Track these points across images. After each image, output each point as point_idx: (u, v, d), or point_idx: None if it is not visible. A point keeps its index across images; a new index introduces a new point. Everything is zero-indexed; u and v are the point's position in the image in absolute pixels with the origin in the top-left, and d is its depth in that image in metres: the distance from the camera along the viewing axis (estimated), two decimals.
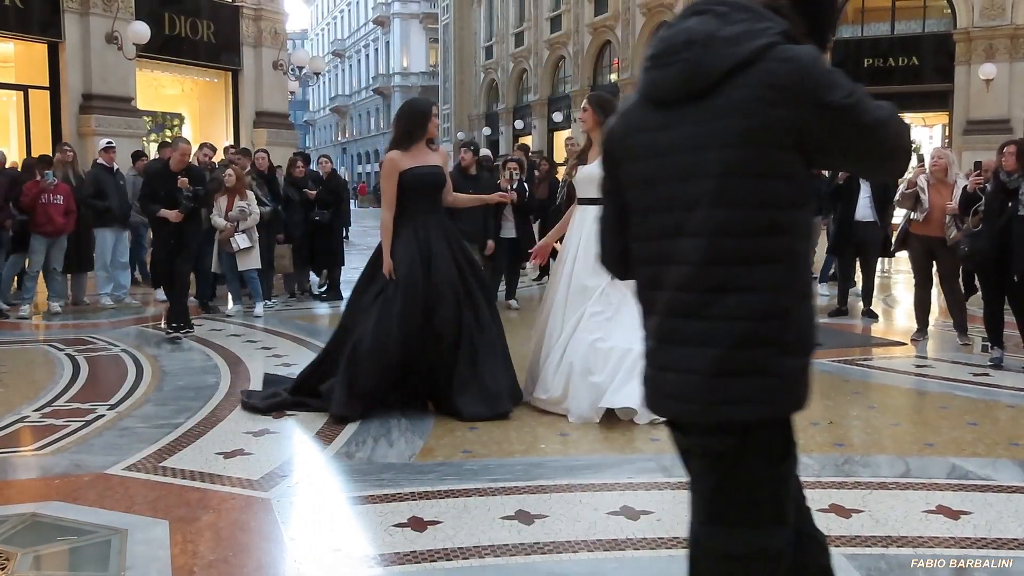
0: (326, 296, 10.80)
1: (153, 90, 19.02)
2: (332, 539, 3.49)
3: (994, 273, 6.59)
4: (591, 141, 5.62)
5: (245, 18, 19.07)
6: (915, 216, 7.38)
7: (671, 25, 1.88)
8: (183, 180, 8.15)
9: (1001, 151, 6.58)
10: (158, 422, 5.23)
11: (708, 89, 1.78)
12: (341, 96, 70.84)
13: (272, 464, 4.42)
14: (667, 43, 1.85)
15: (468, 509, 3.77)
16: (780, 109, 1.72)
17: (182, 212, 8.13)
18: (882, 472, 4.31)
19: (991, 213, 6.53)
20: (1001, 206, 6.43)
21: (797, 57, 1.74)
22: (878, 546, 3.38)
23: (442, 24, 49.70)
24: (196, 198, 8.24)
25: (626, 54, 30.90)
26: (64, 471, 4.33)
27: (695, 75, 1.79)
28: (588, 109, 5.54)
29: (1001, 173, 6.51)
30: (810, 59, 1.74)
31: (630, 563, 3.27)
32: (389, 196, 5.42)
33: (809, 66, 1.73)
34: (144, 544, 3.40)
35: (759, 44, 1.75)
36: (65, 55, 15.41)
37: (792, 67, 1.73)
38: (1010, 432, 5.14)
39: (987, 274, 6.73)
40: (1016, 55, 21.33)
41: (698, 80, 1.79)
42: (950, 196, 7.15)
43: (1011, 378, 6.36)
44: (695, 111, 1.80)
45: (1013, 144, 6.56)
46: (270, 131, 19.15)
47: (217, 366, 6.86)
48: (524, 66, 39.53)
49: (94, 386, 6.24)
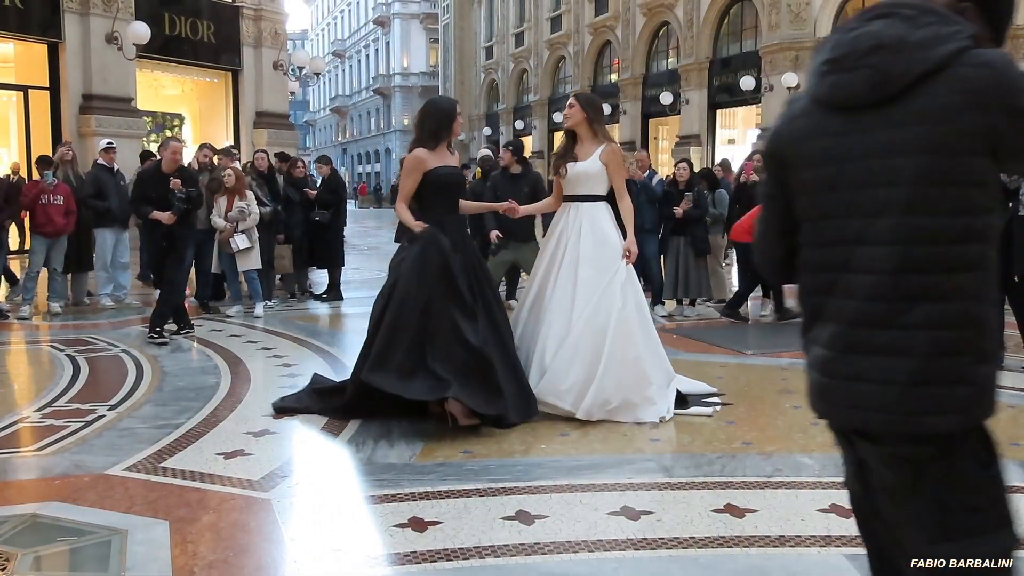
0: (327, 297, 10.81)
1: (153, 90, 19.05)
2: (332, 539, 3.48)
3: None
4: (576, 138, 5.57)
5: (245, 18, 19.10)
6: None
7: (850, 28, 1.82)
8: (175, 182, 7.95)
9: None
10: (158, 422, 5.23)
11: (896, 95, 1.73)
12: (341, 96, 70.90)
13: (272, 464, 4.42)
14: (850, 47, 1.79)
15: (468, 509, 3.77)
16: (974, 115, 1.67)
17: (175, 214, 7.92)
18: None
19: None
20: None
21: (991, 62, 1.69)
22: None
23: (442, 24, 49.76)
24: (189, 200, 8.04)
25: (626, 54, 30.92)
26: (64, 472, 4.33)
27: (885, 80, 1.74)
28: (576, 105, 5.50)
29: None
30: (1004, 64, 1.69)
31: (630, 563, 3.27)
32: (408, 191, 5.30)
33: (1003, 71, 1.68)
34: (144, 544, 3.40)
35: (951, 49, 1.70)
36: (65, 55, 15.45)
37: (986, 72, 1.68)
38: (1010, 432, 5.13)
39: None
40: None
41: (888, 85, 1.73)
42: None
43: (1011, 378, 6.35)
44: (881, 116, 1.75)
45: None
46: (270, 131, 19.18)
47: (217, 367, 6.86)
48: (524, 66, 39.58)
49: (94, 387, 6.24)
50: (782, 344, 7.76)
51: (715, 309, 9.80)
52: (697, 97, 26.98)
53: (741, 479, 4.20)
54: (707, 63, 26.83)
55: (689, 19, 27.11)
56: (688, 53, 27.20)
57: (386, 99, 60.68)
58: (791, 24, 22.96)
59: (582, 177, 5.51)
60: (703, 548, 3.37)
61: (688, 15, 27.14)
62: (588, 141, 5.55)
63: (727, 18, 26.81)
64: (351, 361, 6.96)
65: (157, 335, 7.82)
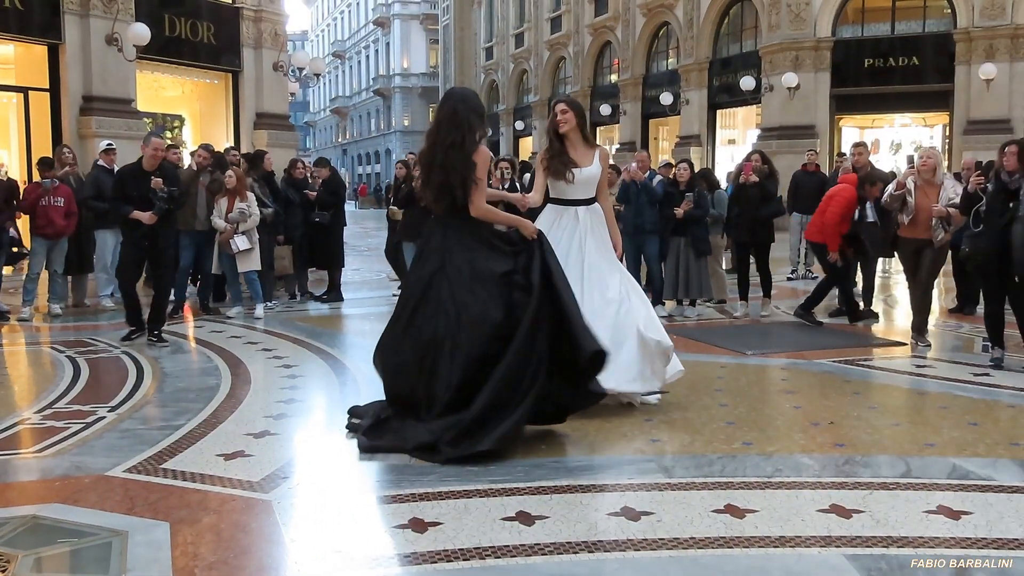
0: (327, 298, 10.81)
1: (153, 92, 19.03)
2: (333, 540, 3.48)
3: (995, 273, 6.58)
4: (568, 142, 5.58)
5: (245, 19, 19.08)
6: (902, 218, 7.36)
7: None
8: (156, 180, 7.62)
9: (1003, 151, 6.55)
10: (159, 424, 5.23)
11: None
12: (341, 97, 70.91)
13: (273, 466, 4.42)
14: None
15: (469, 510, 3.78)
16: None
17: (156, 214, 7.62)
18: (883, 472, 4.31)
19: (992, 213, 6.51)
20: (1003, 206, 6.41)
21: None
22: (879, 546, 3.38)
23: (442, 25, 49.77)
24: (171, 199, 7.73)
25: (626, 55, 30.92)
26: (65, 473, 4.33)
27: None
28: (569, 111, 5.57)
29: (1002, 173, 6.49)
30: None
31: (631, 564, 3.27)
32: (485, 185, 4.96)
33: None
34: (145, 546, 3.40)
35: None
36: (65, 57, 15.42)
37: None
38: (1011, 432, 5.14)
39: (988, 274, 6.72)
40: (1016, 55, 21.32)
41: None
42: (936, 197, 7.13)
43: (1012, 378, 6.36)
44: None
45: (1015, 144, 6.52)
46: (271, 132, 19.16)
47: (218, 368, 6.86)
48: (524, 67, 39.58)
49: (95, 388, 6.24)
50: (782, 344, 7.77)
51: (715, 309, 9.81)
52: (697, 97, 27.00)
53: (741, 479, 4.21)
54: (707, 63, 26.84)
55: (689, 19, 27.12)
56: (688, 53, 27.21)
57: (386, 100, 60.68)
58: (791, 24, 22.97)
59: (590, 181, 5.61)
60: (703, 548, 3.37)
61: (688, 15, 27.15)
62: (580, 145, 5.61)
63: (727, 18, 26.82)
64: (352, 362, 6.99)
65: (157, 337, 7.82)
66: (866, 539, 3.44)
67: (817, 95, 22.93)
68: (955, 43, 21.88)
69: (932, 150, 7.77)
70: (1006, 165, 6.45)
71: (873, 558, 3.28)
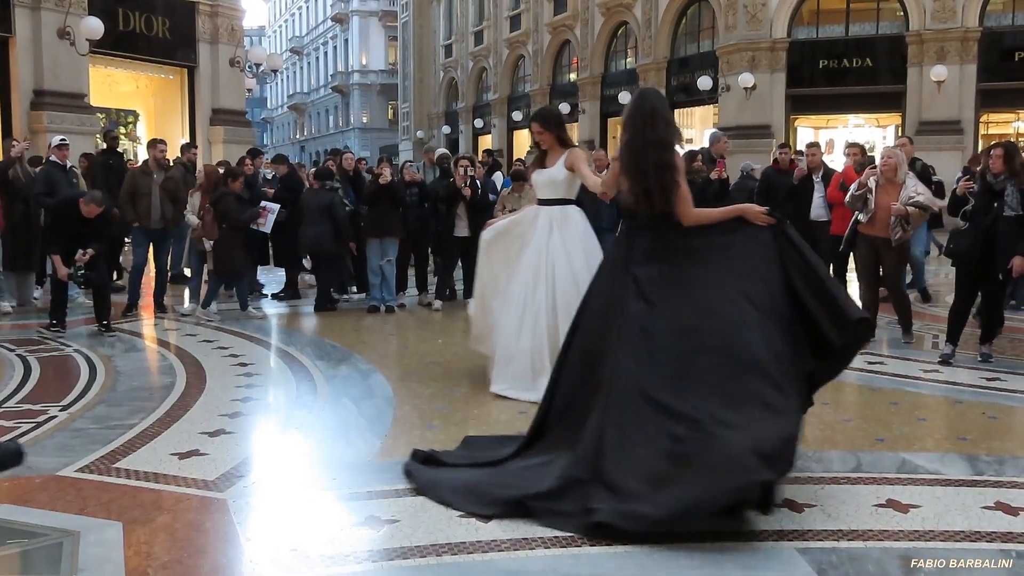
0: (284, 296, 10.71)
1: (107, 87, 18.78)
2: (289, 539, 3.47)
3: (975, 270, 6.77)
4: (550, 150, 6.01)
5: (201, 14, 18.90)
6: (861, 217, 7.50)
7: None
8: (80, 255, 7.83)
9: (988, 153, 6.95)
10: (111, 423, 5.16)
11: None
12: (299, 94, 70.28)
13: (228, 464, 4.38)
14: None
15: (425, 508, 3.77)
16: None
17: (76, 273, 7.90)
18: (834, 467, 4.38)
19: (978, 213, 6.82)
20: (987, 206, 6.70)
21: None
22: (829, 540, 3.44)
23: (401, 22, 49.52)
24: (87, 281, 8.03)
25: (585, 53, 31.04)
26: (14, 473, 4.24)
27: None
28: (544, 132, 5.96)
29: (988, 175, 6.78)
30: None
31: (586, 560, 3.29)
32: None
33: None
34: (97, 546, 3.36)
35: None
36: (15, 50, 15.17)
37: None
38: (958, 427, 5.25)
39: (967, 271, 6.89)
40: (966, 57, 21.75)
41: None
42: (897, 196, 7.28)
43: (959, 374, 6.50)
44: None
45: (1000, 147, 6.91)
46: (227, 128, 19.00)
47: (172, 366, 6.79)
48: (484, 65, 39.53)
49: (46, 387, 6.14)
50: None
51: None
52: None
53: None
54: (665, 63, 27.03)
55: (647, 19, 27.29)
56: (646, 53, 27.38)
57: (344, 96, 60.27)
58: (747, 25, 23.22)
59: (552, 183, 5.95)
60: (670, 544, 3.40)
61: (646, 15, 27.32)
62: (557, 151, 5.98)
63: (684, 18, 27.03)
64: (309, 360, 6.94)
65: (105, 327, 7.98)
66: (817, 532, 3.50)
67: (773, 95, 23.20)
68: (907, 45, 22.26)
69: (894, 150, 7.91)
70: (992, 167, 6.76)
71: (824, 551, 3.34)
